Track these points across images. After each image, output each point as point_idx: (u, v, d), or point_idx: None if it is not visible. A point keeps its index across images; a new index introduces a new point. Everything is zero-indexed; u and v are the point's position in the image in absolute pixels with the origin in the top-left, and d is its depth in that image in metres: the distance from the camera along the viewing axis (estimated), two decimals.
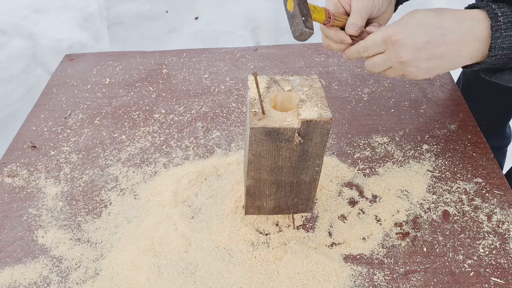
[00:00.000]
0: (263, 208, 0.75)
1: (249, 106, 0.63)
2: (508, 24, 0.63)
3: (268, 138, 0.62)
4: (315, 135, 0.63)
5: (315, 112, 0.63)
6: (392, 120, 1.01)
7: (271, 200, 0.73)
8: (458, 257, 0.74)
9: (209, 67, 1.22)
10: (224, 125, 1.02)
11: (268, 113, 0.63)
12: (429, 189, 0.85)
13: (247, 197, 0.73)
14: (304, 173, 0.70)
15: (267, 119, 0.62)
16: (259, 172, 0.68)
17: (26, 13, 2.14)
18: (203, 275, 0.72)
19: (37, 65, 2.13)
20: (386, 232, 0.78)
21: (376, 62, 0.71)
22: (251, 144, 0.63)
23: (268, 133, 0.62)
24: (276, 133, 0.62)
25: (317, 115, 0.62)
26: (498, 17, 0.64)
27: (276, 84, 0.68)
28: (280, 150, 0.64)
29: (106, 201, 0.86)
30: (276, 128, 0.61)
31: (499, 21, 0.64)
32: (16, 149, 0.98)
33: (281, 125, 0.61)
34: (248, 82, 0.67)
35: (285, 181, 0.71)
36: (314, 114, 0.62)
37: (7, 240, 0.80)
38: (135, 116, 1.06)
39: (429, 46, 0.66)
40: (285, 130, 0.62)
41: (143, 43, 2.90)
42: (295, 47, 1.30)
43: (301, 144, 0.64)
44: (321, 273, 0.71)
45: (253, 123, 0.61)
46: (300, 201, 0.75)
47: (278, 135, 0.62)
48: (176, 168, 0.92)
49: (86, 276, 0.73)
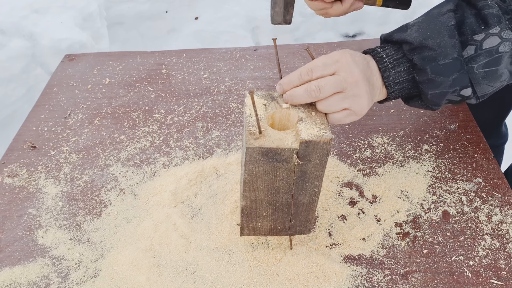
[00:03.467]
0: (259, 229, 0.72)
1: (246, 125, 0.61)
2: (394, 63, 0.70)
3: (265, 159, 0.60)
4: (314, 155, 0.61)
5: (315, 131, 0.60)
6: (392, 120, 1.01)
7: (267, 222, 0.71)
8: (458, 257, 0.74)
9: (209, 67, 1.22)
10: (224, 125, 1.02)
11: (265, 132, 0.60)
12: (429, 190, 0.85)
13: (242, 218, 0.70)
14: (302, 194, 0.67)
15: (264, 138, 0.59)
16: (255, 192, 0.65)
17: (25, 13, 2.13)
18: (202, 275, 0.72)
19: (37, 65, 2.13)
20: (386, 232, 0.78)
21: (327, 82, 0.65)
22: (247, 164, 0.61)
23: (265, 153, 0.59)
24: (273, 154, 0.59)
25: (317, 136, 0.59)
26: (384, 59, 0.71)
27: (274, 101, 0.66)
28: (278, 170, 0.62)
29: (106, 201, 0.86)
30: (273, 149, 0.59)
31: (384, 62, 0.71)
32: (16, 149, 0.98)
33: (279, 146, 0.59)
34: (245, 99, 0.65)
35: (283, 202, 0.68)
36: (313, 134, 0.60)
37: (7, 240, 0.80)
38: (135, 116, 1.06)
39: (367, 72, 0.69)
40: (282, 151, 0.59)
41: (143, 43, 2.90)
42: (295, 47, 1.30)
43: (300, 165, 0.61)
44: (321, 274, 0.71)
45: (249, 143, 0.58)
46: (298, 222, 0.72)
47: (275, 155, 0.60)
48: (176, 168, 0.92)
49: (86, 276, 0.73)
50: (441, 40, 0.67)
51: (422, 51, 0.68)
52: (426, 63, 0.68)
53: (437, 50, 0.67)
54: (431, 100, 0.71)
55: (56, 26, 2.17)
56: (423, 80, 0.69)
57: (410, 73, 0.71)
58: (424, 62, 0.68)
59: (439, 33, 0.67)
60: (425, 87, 0.70)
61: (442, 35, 0.67)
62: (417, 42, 0.68)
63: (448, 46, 0.67)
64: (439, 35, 0.67)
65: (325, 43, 1.31)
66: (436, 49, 0.67)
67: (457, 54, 0.67)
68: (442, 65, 0.67)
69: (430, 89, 0.70)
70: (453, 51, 0.67)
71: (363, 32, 3.07)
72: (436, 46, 0.67)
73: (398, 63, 0.70)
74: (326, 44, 1.30)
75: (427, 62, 0.68)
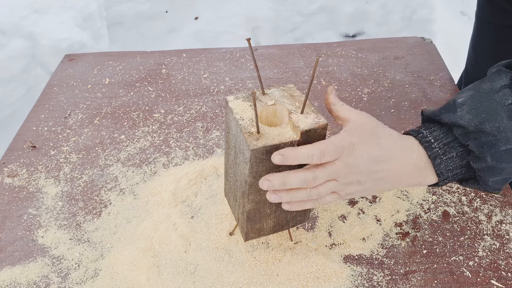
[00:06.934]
0: (263, 229, 0.72)
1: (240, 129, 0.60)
2: (444, 148, 0.62)
3: (268, 157, 0.60)
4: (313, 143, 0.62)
5: (310, 120, 0.61)
6: (392, 120, 1.01)
7: (271, 220, 0.71)
8: (458, 257, 0.74)
9: (208, 67, 1.22)
10: (224, 125, 1.02)
11: (262, 131, 0.60)
12: (429, 189, 0.85)
13: (247, 223, 0.70)
14: None
15: (264, 137, 0.59)
16: (259, 193, 0.65)
17: (25, 13, 2.13)
18: (202, 275, 0.72)
19: (37, 65, 2.13)
20: (386, 232, 0.78)
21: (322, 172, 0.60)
22: (251, 166, 0.61)
23: (269, 151, 0.59)
24: (276, 150, 0.59)
25: (314, 123, 0.60)
26: (432, 144, 0.62)
27: (257, 100, 0.65)
28: (280, 166, 0.62)
29: (106, 201, 0.86)
30: (277, 145, 0.59)
31: (434, 148, 0.62)
32: (16, 149, 0.98)
33: (281, 141, 0.59)
34: (230, 103, 0.64)
35: None
36: (310, 122, 0.61)
37: (7, 240, 0.80)
38: (135, 116, 1.06)
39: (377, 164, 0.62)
40: (285, 145, 0.60)
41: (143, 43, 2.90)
42: (295, 47, 1.30)
43: None
44: (321, 274, 0.71)
45: (253, 144, 0.58)
46: (298, 212, 0.73)
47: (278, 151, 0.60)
48: (176, 168, 0.92)
49: (86, 276, 0.73)
50: (500, 123, 0.57)
51: (479, 136, 0.58)
52: (485, 151, 0.58)
53: (497, 136, 0.57)
54: (492, 186, 0.62)
55: (56, 26, 2.17)
56: (482, 167, 0.60)
57: (464, 158, 0.62)
58: (482, 149, 0.58)
59: (496, 115, 0.57)
60: (485, 174, 0.61)
61: (501, 117, 0.57)
62: (472, 126, 0.58)
63: (509, 130, 0.57)
64: (497, 117, 0.57)
65: (325, 43, 1.31)
66: (496, 134, 0.57)
67: None
68: (504, 151, 0.58)
69: (491, 177, 0.61)
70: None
71: (363, 32, 3.07)
72: (495, 130, 0.57)
73: (450, 148, 0.61)
74: (326, 44, 1.30)
75: (486, 150, 0.58)
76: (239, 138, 0.61)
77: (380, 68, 1.19)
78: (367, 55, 1.25)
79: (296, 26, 2.97)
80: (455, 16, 3.38)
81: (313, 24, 2.98)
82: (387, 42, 1.31)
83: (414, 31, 2.93)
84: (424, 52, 1.25)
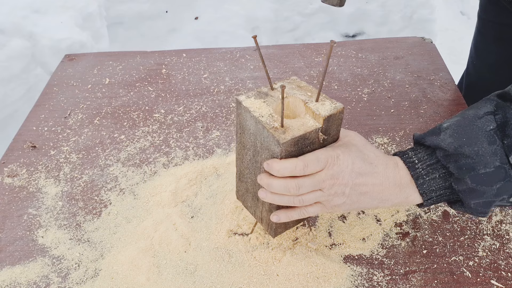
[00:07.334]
0: (289, 223, 0.73)
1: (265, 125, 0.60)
2: (427, 169, 0.63)
3: (296, 148, 0.61)
4: (333, 127, 0.63)
5: (328, 106, 0.63)
6: (392, 120, 1.01)
7: None
8: (458, 257, 0.74)
9: (208, 67, 1.22)
10: (224, 125, 1.02)
11: (285, 124, 0.61)
12: None
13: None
14: None
15: (289, 130, 0.60)
16: None
17: (25, 13, 2.14)
18: (202, 275, 0.72)
19: (37, 65, 2.13)
20: (386, 232, 0.78)
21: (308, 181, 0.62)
22: None
23: (296, 143, 0.60)
24: (303, 140, 0.60)
25: (333, 108, 0.62)
26: (416, 165, 0.64)
27: (268, 96, 0.66)
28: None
29: (106, 201, 0.86)
30: (303, 135, 0.60)
31: (417, 168, 0.64)
32: (16, 149, 0.98)
33: (306, 130, 0.60)
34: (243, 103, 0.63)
35: None
36: (329, 108, 0.62)
37: (7, 240, 0.80)
38: (135, 116, 1.06)
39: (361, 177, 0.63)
40: (310, 134, 0.61)
41: (143, 43, 2.90)
42: (295, 47, 1.30)
43: (324, 140, 0.63)
44: (320, 274, 0.71)
45: (282, 138, 0.58)
46: None
47: (304, 140, 0.61)
48: (176, 168, 0.92)
49: (86, 276, 0.73)
50: (479, 147, 0.59)
51: (459, 159, 0.60)
52: (465, 173, 0.60)
53: (476, 159, 0.59)
54: (475, 209, 0.63)
55: (56, 26, 2.17)
56: (463, 189, 0.61)
57: (447, 180, 0.63)
58: (461, 171, 0.60)
59: (476, 139, 0.59)
60: (467, 197, 0.62)
61: (481, 142, 0.59)
62: (451, 149, 0.60)
63: (488, 154, 0.59)
64: (477, 142, 0.59)
65: (325, 43, 1.31)
66: (475, 158, 0.59)
67: (499, 162, 0.59)
68: (483, 174, 0.59)
69: (472, 199, 0.62)
70: (494, 159, 0.59)
71: (363, 32, 3.07)
72: (474, 154, 0.59)
73: (433, 170, 0.63)
74: (326, 44, 1.30)
75: (465, 172, 0.60)
76: (263, 135, 0.61)
77: (380, 68, 1.19)
78: (367, 55, 1.25)
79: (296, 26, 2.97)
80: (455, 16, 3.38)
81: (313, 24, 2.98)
82: (387, 42, 1.31)
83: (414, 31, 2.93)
84: (424, 52, 1.25)
